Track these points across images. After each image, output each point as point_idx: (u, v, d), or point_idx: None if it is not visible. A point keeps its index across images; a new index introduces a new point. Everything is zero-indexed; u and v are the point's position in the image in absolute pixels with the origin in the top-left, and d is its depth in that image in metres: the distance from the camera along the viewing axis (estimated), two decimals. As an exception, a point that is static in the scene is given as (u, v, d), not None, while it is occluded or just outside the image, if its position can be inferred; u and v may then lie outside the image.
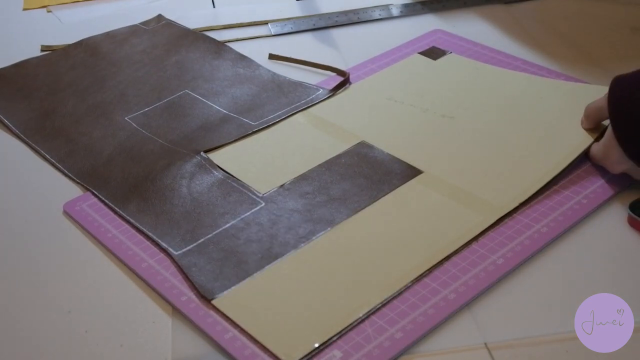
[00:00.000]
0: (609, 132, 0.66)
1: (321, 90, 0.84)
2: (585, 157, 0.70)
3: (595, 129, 0.72)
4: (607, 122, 0.68)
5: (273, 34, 1.00)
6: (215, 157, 0.74)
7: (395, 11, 1.03)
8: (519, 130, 0.75)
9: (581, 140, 0.71)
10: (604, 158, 0.67)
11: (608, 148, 0.66)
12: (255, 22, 1.04)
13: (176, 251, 0.63)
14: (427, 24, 0.99)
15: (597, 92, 0.77)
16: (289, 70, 0.90)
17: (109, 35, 1.01)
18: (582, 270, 0.59)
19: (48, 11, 1.12)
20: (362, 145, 0.74)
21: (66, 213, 0.69)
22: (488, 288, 0.58)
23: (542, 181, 0.67)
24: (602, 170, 0.68)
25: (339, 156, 0.73)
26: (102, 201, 0.70)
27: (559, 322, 0.55)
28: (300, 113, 0.81)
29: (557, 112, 0.76)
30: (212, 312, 0.57)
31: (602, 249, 0.61)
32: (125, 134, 0.80)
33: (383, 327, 0.55)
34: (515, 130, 0.75)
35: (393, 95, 0.82)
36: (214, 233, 0.64)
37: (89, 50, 0.97)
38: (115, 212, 0.68)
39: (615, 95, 0.65)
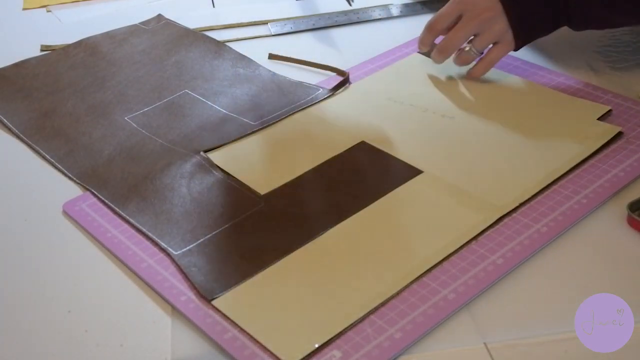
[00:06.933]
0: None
1: (321, 90, 0.84)
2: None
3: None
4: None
5: (273, 33, 1.00)
6: (215, 157, 0.74)
7: (395, 11, 1.03)
8: (519, 131, 0.75)
9: (582, 145, 0.71)
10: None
11: None
12: (255, 22, 1.03)
13: (176, 251, 0.63)
14: (427, 23, 0.99)
15: (595, 110, 0.76)
16: (289, 70, 0.90)
17: (109, 35, 1.01)
18: (582, 270, 0.59)
19: (48, 11, 1.12)
20: (362, 145, 0.74)
21: (66, 213, 0.69)
22: (488, 288, 0.58)
23: (543, 183, 0.67)
24: (602, 170, 0.68)
25: (339, 156, 0.73)
26: (102, 201, 0.70)
27: (559, 322, 0.55)
28: (300, 113, 0.81)
29: (557, 113, 0.76)
30: (211, 312, 0.57)
31: (602, 249, 0.61)
32: (125, 134, 0.80)
33: (382, 327, 0.55)
34: (515, 130, 0.75)
35: (393, 95, 0.82)
36: (213, 233, 0.64)
37: (88, 50, 0.97)
38: (115, 212, 0.68)
39: None
